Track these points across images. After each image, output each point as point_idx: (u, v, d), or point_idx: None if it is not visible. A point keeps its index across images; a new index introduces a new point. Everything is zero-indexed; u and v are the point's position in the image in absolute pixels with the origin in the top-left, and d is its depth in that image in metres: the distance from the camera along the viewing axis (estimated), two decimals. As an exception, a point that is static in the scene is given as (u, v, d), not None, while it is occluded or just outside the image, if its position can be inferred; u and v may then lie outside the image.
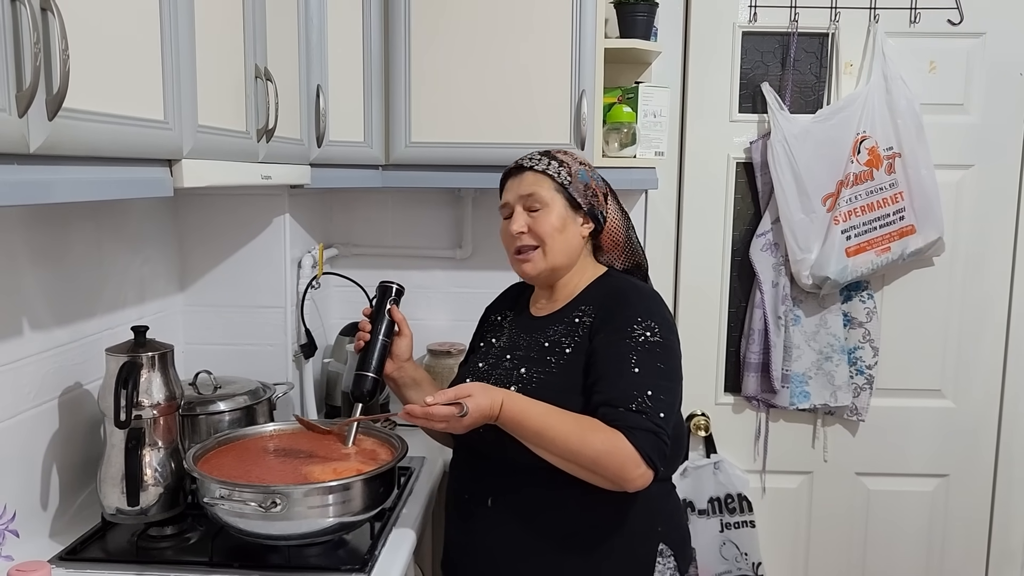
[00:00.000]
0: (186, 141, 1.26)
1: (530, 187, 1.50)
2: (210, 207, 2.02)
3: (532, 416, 1.33)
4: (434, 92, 2.03)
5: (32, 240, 1.48)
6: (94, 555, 1.45)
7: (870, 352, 2.43)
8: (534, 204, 1.49)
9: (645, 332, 1.40)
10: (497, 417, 1.32)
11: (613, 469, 1.30)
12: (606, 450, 1.30)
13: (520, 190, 1.51)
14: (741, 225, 2.47)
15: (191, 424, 1.71)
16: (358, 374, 1.56)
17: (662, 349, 1.40)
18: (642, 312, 1.42)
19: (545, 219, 1.49)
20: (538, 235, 1.49)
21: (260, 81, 1.55)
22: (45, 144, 0.92)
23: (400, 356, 1.61)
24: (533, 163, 1.52)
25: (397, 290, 1.62)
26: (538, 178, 1.50)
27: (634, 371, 1.36)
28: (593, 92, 2.02)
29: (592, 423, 1.33)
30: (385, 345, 1.58)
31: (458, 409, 1.28)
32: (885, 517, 2.56)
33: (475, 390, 1.32)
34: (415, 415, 1.30)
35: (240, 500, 1.35)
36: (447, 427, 1.31)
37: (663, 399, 1.35)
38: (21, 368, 1.45)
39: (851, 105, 2.31)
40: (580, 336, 1.45)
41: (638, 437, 1.30)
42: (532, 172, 1.51)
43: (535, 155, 1.54)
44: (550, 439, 1.32)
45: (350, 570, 1.40)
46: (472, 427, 1.32)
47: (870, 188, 2.32)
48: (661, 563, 1.46)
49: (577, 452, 1.31)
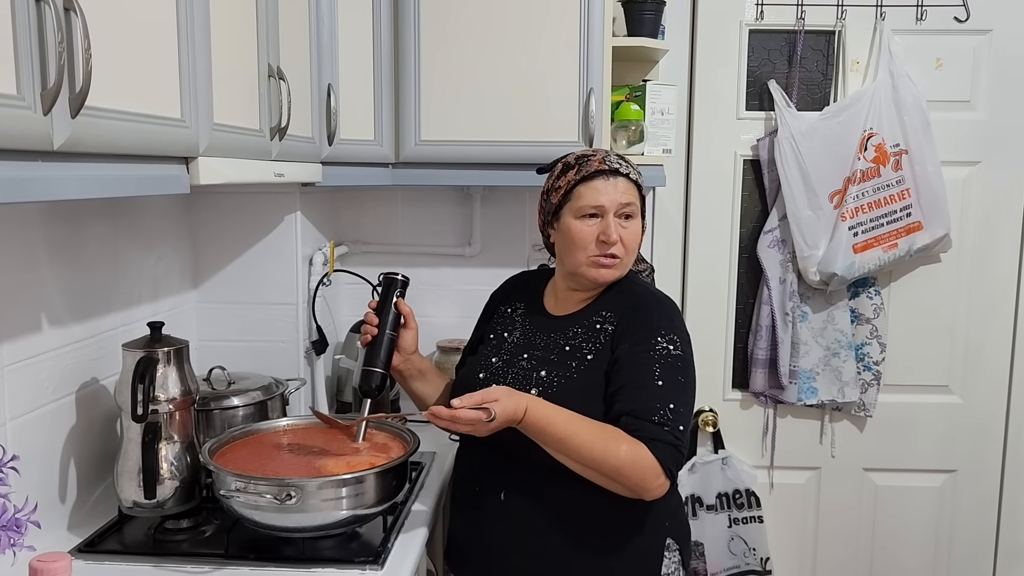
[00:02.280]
0: (202, 139, 1.28)
1: (627, 195, 1.47)
2: (223, 205, 2.05)
3: (556, 423, 1.34)
4: (443, 90, 2.05)
5: (50, 237, 1.50)
6: (111, 547, 1.48)
7: (877, 348, 2.44)
8: (629, 213, 1.48)
9: (668, 346, 1.42)
10: (521, 421, 1.33)
11: (635, 479, 1.33)
12: (630, 460, 1.32)
13: (618, 197, 1.46)
14: (748, 222, 2.48)
15: (206, 419, 1.73)
16: (366, 370, 1.57)
17: (682, 363, 1.42)
18: (665, 325, 1.44)
19: (635, 230, 1.49)
20: (627, 246, 1.48)
21: (273, 80, 1.57)
22: (68, 141, 0.94)
23: (407, 349, 1.62)
24: (628, 171, 1.49)
25: (402, 281, 1.61)
26: (631, 187, 1.49)
27: (657, 384, 1.38)
28: (601, 90, 2.03)
29: (615, 433, 1.34)
30: (392, 339, 1.58)
31: (486, 414, 1.29)
32: (893, 513, 2.56)
33: (501, 394, 1.32)
34: (441, 417, 1.31)
35: (255, 493, 1.37)
36: (472, 430, 1.32)
37: (682, 412, 1.38)
38: (40, 363, 1.47)
39: (858, 102, 2.32)
40: (602, 343, 1.46)
41: (660, 449, 1.33)
42: (627, 180, 1.48)
43: (620, 160, 1.50)
44: (574, 447, 1.33)
45: (364, 562, 1.42)
46: (496, 431, 1.33)
47: (877, 185, 2.32)
48: (668, 556, 1.48)
49: (600, 461, 1.32)
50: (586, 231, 1.46)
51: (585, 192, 1.46)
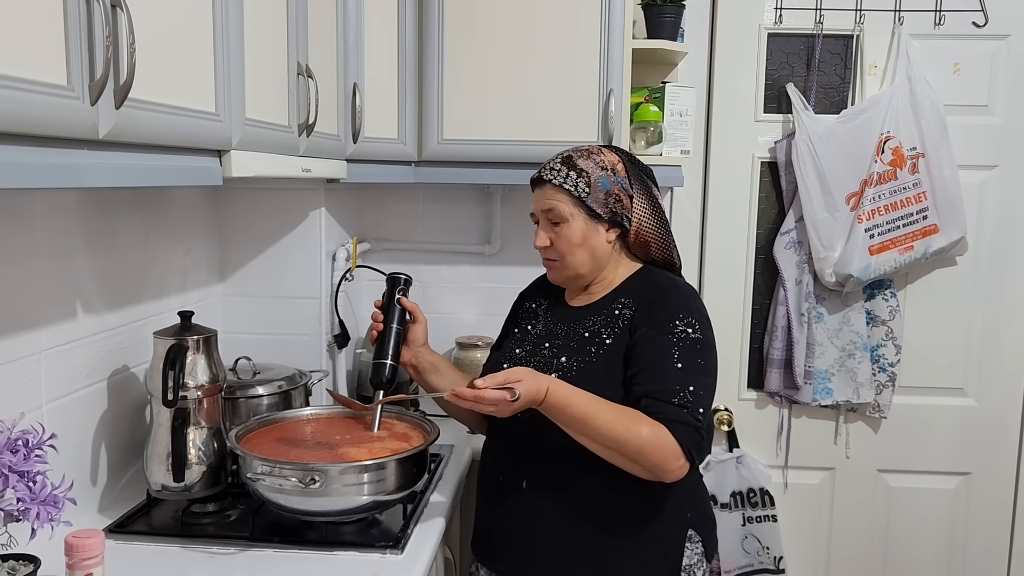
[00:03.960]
0: (235, 133, 1.33)
1: (549, 202, 1.51)
2: (249, 201, 2.09)
3: (577, 404, 1.36)
4: (466, 90, 2.09)
5: (86, 228, 1.55)
6: (140, 529, 1.53)
7: (893, 350, 2.45)
8: (552, 219, 1.52)
9: (687, 328, 1.43)
10: (542, 402, 1.35)
11: (655, 460, 1.34)
12: (650, 441, 1.33)
13: (541, 204, 1.53)
14: (765, 223, 2.50)
15: (231, 407, 1.77)
16: (376, 362, 1.62)
17: (702, 346, 1.44)
18: (683, 308, 1.46)
19: (564, 235, 1.51)
20: (559, 250, 1.52)
21: (302, 77, 1.62)
22: (112, 131, 0.98)
23: (415, 342, 1.66)
24: (552, 176, 1.51)
25: (405, 280, 1.69)
26: (556, 192, 1.51)
27: (676, 366, 1.40)
28: (621, 91, 2.06)
29: (636, 414, 1.36)
30: (399, 332, 1.64)
31: (509, 394, 1.31)
32: (906, 514, 2.57)
33: (524, 375, 1.35)
34: (465, 397, 1.33)
35: (281, 476, 1.42)
36: (495, 411, 1.34)
37: (702, 395, 1.40)
38: (75, 349, 1.52)
39: (875, 106, 2.34)
40: (620, 328, 1.49)
41: (680, 430, 1.34)
42: (551, 186, 1.51)
43: (556, 163, 1.53)
44: (595, 427, 1.35)
45: (384, 547, 1.45)
46: (518, 411, 1.35)
47: (894, 187, 2.34)
48: (690, 548, 1.50)
49: (621, 442, 1.34)
50: (533, 237, 1.56)
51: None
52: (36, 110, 0.86)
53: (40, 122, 0.87)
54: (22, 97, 0.83)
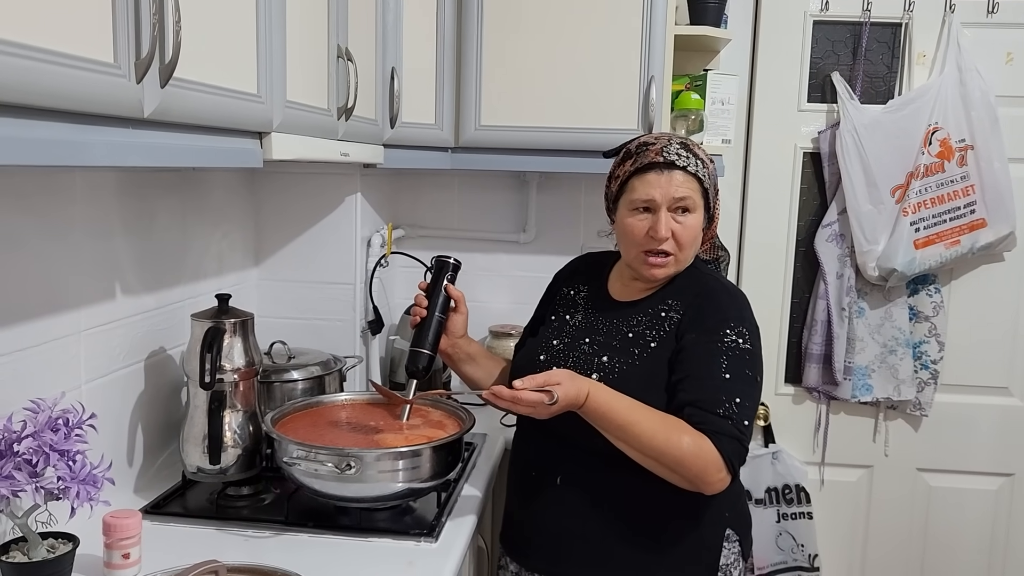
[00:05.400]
0: (276, 115, 1.32)
1: (683, 190, 1.39)
2: (286, 184, 2.09)
3: (618, 410, 1.32)
4: (504, 76, 2.07)
5: (124, 210, 1.55)
6: (175, 510, 1.53)
7: (936, 347, 2.40)
8: (685, 207, 1.40)
9: (737, 339, 1.38)
10: (582, 407, 1.31)
11: (695, 471, 1.30)
12: (692, 452, 1.29)
13: (672, 191, 1.39)
14: (806, 215, 2.45)
15: (266, 391, 1.77)
16: (413, 350, 1.58)
17: (751, 357, 1.38)
18: (734, 317, 1.40)
19: (691, 226, 1.41)
20: (680, 243, 1.41)
21: (342, 61, 1.61)
22: (157, 110, 0.98)
23: (455, 333, 1.62)
24: (686, 162, 1.40)
25: (453, 265, 1.62)
26: (689, 180, 1.40)
27: (724, 376, 1.35)
28: (662, 79, 2.03)
29: (678, 424, 1.32)
30: (440, 322, 1.59)
31: (548, 397, 1.27)
32: (946, 515, 2.52)
33: (564, 378, 1.30)
34: (502, 397, 1.29)
35: (316, 461, 1.41)
36: (532, 412, 1.30)
37: (748, 407, 1.35)
38: (113, 330, 1.53)
39: (923, 96, 2.28)
40: (666, 332, 1.43)
41: (723, 443, 1.30)
42: (684, 173, 1.39)
43: (679, 150, 1.40)
44: (635, 435, 1.31)
45: (419, 535, 1.44)
46: (556, 415, 1.31)
47: (941, 180, 2.28)
48: (727, 547, 1.47)
49: (661, 451, 1.30)
50: (637, 225, 1.42)
51: (638, 185, 1.41)
52: (82, 87, 0.85)
53: (86, 99, 0.86)
54: (68, 73, 0.82)
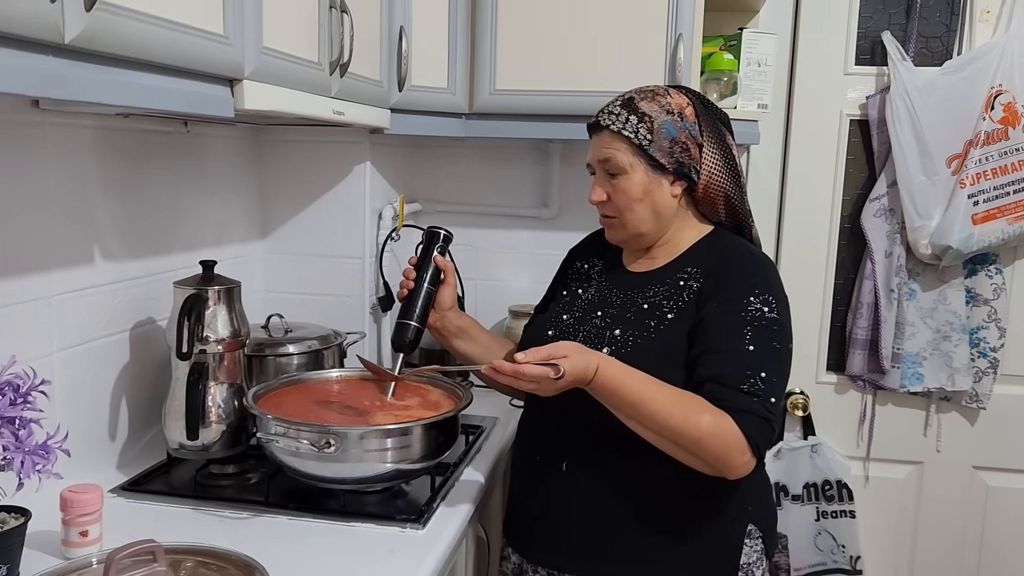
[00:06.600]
0: (248, 60, 1.22)
1: (606, 151, 1.34)
2: (292, 153, 2.00)
3: (630, 386, 1.20)
4: (522, 37, 1.93)
5: (105, 171, 1.48)
6: (155, 488, 1.45)
7: (995, 333, 2.21)
8: (612, 169, 1.35)
9: (763, 307, 1.26)
10: (590, 382, 1.20)
11: (716, 453, 1.18)
12: (712, 432, 1.18)
13: (597, 153, 1.36)
14: (852, 188, 2.28)
15: (259, 365, 1.69)
16: (400, 322, 1.49)
17: (778, 327, 1.27)
18: (760, 284, 1.29)
19: (622, 188, 1.34)
20: (615, 206, 1.36)
21: (335, 12, 1.50)
22: (82, 36, 0.87)
23: (442, 305, 1.52)
24: (610, 120, 1.34)
25: (444, 236, 1.55)
26: (614, 140, 1.34)
27: (748, 348, 1.23)
28: (691, 36, 1.87)
29: (697, 401, 1.21)
30: (430, 294, 1.50)
31: (553, 371, 1.17)
32: (1005, 517, 2.33)
33: (571, 350, 1.20)
34: (503, 372, 1.19)
35: (295, 438, 1.31)
36: (536, 388, 1.20)
37: (775, 383, 1.23)
38: (91, 296, 1.45)
39: (986, 56, 2.08)
40: (685, 301, 1.32)
41: (747, 422, 1.18)
42: (608, 132, 1.34)
43: (615, 106, 1.36)
44: (648, 413, 1.20)
45: (404, 520, 1.33)
46: (562, 391, 1.21)
47: (1004, 149, 2.08)
48: (749, 545, 1.33)
49: (679, 431, 1.19)
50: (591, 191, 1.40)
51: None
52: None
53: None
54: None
